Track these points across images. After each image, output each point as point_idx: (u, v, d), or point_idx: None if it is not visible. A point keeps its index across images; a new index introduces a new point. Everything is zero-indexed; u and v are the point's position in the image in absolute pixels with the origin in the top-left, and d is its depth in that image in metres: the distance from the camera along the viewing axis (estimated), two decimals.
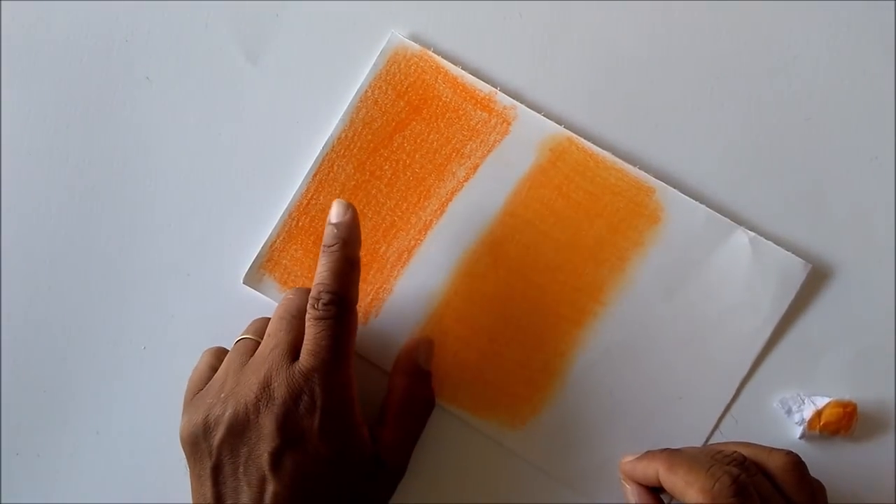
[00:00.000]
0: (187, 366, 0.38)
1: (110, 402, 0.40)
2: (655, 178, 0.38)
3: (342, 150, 0.40)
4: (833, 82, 0.39)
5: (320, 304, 0.34)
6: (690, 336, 0.39)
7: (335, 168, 0.40)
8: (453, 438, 0.39)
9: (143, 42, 0.41)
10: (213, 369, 0.36)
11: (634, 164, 0.39)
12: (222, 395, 0.34)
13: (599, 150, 0.39)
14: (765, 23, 0.39)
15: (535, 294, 0.39)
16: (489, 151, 0.39)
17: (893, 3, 0.39)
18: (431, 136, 0.39)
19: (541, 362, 0.39)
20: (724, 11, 0.39)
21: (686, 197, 0.38)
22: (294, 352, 0.34)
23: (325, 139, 0.39)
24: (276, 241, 0.40)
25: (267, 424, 0.33)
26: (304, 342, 0.34)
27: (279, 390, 0.33)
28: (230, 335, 0.39)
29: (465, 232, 0.39)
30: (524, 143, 0.39)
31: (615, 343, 0.39)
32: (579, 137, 0.39)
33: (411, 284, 0.39)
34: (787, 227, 0.39)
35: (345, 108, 0.39)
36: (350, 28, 0.40)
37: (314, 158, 0.39)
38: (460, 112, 0.39)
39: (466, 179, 0.39)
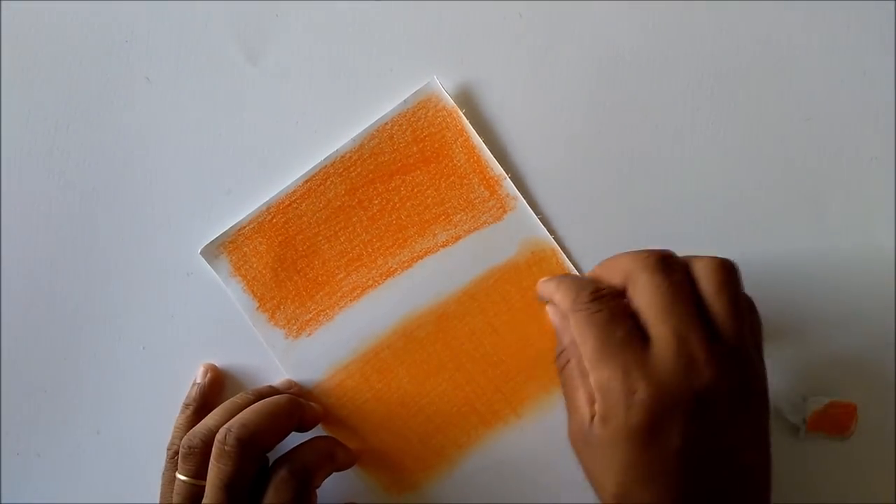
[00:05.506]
0: (187, 366, 0.39)
1: (110, 402, 0.40)
2: None
3: (341, 168, 0.39)
4: (833, 82, 0.39)
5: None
6: None
7: (327, 182, 0.39)
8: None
9: (143, 42, 0.41)
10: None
11: None
12: None
13: (576, 271, 0.38)
14: (765, 23, 0.39)
15: (461, 379, 0.39)
16: (476, 229, 0.39)
17: (893, 3, 0.39)
18: (429, 192, 0.39)
19: (439, 445, 0.39)
20: (724, 12, 0.39)
21: None
22: None
23: (325, 141, 0.39)
24: (244, 227, 0.40)
25: None
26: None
27: None
28: (230, 335, 0.39)
29: (422, 294, 0.39)
30: (511, 235, 0.39)
31: (513, 456, 0.39)
32: (562, 252, 0.39)
33: (352, 321, 0.39)
34: (788, 226, 0.39)
35: (345, 110, 0.39)
36: (350, 29, 0.40)
37: (313, 161, 0.39)
38: (465, 181, 0.39)
39: (444, 245, 0.39)
